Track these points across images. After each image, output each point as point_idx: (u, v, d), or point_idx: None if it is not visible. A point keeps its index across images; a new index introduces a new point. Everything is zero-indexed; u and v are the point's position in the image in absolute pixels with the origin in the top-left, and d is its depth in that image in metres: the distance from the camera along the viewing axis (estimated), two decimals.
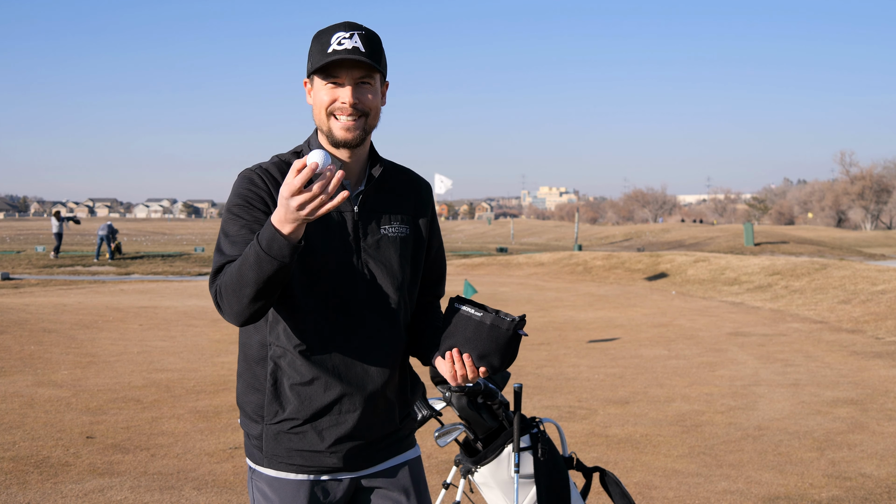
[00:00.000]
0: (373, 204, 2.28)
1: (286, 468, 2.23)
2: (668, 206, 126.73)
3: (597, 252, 30.76)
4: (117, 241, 31.77)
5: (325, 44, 2.17)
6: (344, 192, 1.89)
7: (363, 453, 2.27)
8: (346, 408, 2.21)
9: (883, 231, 76.81)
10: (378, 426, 2.27)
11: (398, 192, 2.35)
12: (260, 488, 2.27)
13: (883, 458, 5.84)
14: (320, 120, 2.23)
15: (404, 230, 2.32)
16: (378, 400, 2.25)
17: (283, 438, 2.21)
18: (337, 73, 2.17)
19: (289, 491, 2.23)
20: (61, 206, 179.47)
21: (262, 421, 2.23)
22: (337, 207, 2.15)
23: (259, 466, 2.26)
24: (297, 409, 2.19)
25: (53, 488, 5.02)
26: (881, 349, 10.78)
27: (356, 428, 2.22)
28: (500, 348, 2.17)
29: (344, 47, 2.14)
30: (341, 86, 2.18)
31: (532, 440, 3.24)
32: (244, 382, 2.29)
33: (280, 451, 2.22)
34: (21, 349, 10.15)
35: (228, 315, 2.10)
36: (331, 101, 2.19)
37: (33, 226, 77.01)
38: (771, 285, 18.71)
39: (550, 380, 8.83)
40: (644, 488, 5.22)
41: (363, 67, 2.18)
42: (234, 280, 2.03)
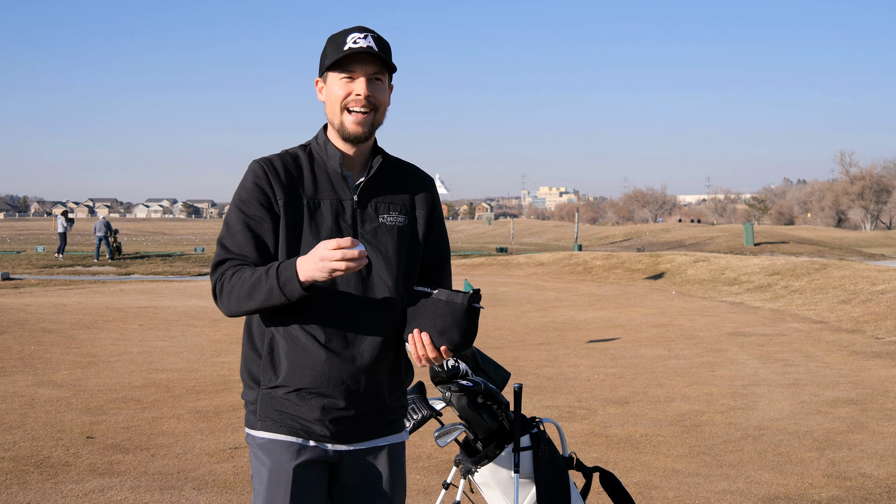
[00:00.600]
0: (372, 193, 2.43)
1: (277, 429, 2.36)
2: (668, 206, 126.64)
3: (597, 252, 30.76)
4: (117, 241, 31.76)
5: (341, 43, 2.33)
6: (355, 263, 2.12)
7: (350, 427, 2.38)
8: (336, 381, 2.32)
9: (883, 231, 76.79)
10: (365, 403, 2.38)
11: (398, 183, 2.48)
12: (255, 453, 2.41)
13: (883, 458, 5.84)
14: (333, 114, 2.38)
15: (402, 220, 2.44)
16: (368, 377, 2.36)
17: (276, 402, 2.35)
18: (352, 68, 2.33)
19: (279, 452, 2.36)
20: (61, 206, 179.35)
21: (259, 386, 2.38)
22: (338, 196, 2.38)
23: (254, 431, 2.40)
24: (289, 376, 2.32)
25: (53, 488, 5.02)
26: (881, 349, 10.79)
27: (343, 401, 2.34)
28: (458, 322, 2.27)
29: (359, 45, 2.31)
30: (355, 80, 2.34)
31: (532, 440, 3.24)
32: (245, 354, 2.44)
33: (272, 412, 2.36)
34: (21, 349, 10.15)
35: (223, 310, 2.34)
36: (346, 95, 2.34)
37: (33, 226, 77.01)
38: (771, 285, 18.71)
39: (550, 380, 8.83)
40: (644, 488, 5.22)
41: (377, 63, 2.34)
42: (241, 294, 2.26)
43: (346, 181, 2.41)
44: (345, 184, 2.41)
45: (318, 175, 2.40)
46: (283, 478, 2.35)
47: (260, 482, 2.39)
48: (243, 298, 2.26)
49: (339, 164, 2.39)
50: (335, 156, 2.40)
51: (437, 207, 2.57)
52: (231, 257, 2.34)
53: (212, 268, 2.37)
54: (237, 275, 2.29)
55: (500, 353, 10.60)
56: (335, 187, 2.40)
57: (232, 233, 2.35)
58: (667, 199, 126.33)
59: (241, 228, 2.35)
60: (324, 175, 2.41)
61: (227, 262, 2.35)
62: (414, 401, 2.98)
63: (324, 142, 2.44)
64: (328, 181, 2.40)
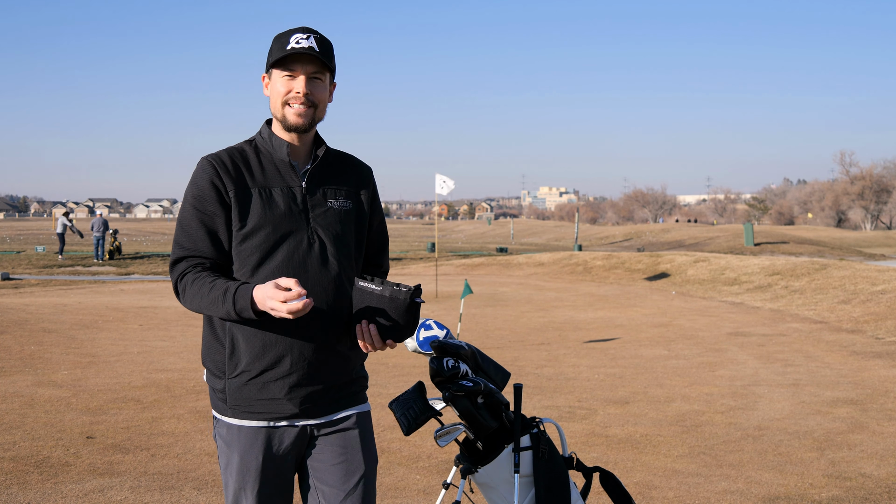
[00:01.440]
0: (319, 180, 2.59)
1: (246, 416, 2.49)
2: (668, 206, 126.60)
3: (597, 252, 30.75)
4: (117, 241, 31.74)
5: (285, 42, 2.49)
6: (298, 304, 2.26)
7: (317, 402, 2.52)
8: (297, 360, 2.47)
9: (883, 231, 76.78)
10: (328, 377, 2.53)
11: (341, 171, 2.67)
12: (222, 435, 2.54)
13: (883, 458, 5.84)
14: (276, 108, 2.54)
15: (348, 204, 2.62)
16: (328, 353, 2.51)
17: (244, 390, 2.48)
18: (293, 67, 2.49)
19: (247, 437, 2.49)
20: (61, 206, 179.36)
21: (224, 376, 2.51)
22: (287, 183, 2.54)
23: (222, 416, 2.54)
24: (252, 362, 2.46)
25: (53, 488, 5.02)
26: (881, 349, 10.78)
27: (308, 377, 2.48)
28: (400, 316, 2.42)
29: (301, 45, 2.47)
30: (296, 78, 2.50)
31: (532, 440, 3.24)
32: (207, 344, 2.57)
33: (241, 401, 2.49)
34: (21, 349, 10.15)
35: (184, 306, 2.51)
36: (286, 91, 2.51)
37: (33, 226, 77.00)
38: (771, 285, 18.71)
39: (550, 380, 8.82)
40: (644, 488, 5.22)
41: (316, 63, 2.50)
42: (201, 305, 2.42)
43: (293, 169, 2.56)
44: (293, 171, 2.56)
45: (265, 165, 2.55)
46: (252, 466, 2.47)
47: (230, 470, 2.51)
48: (202, 308, 2.43)
49: (286, 154, 2.55)
50: (282, 146, 2.55)
51: (377, 195, 2.76)
52: (187, 255, 2.48)
53: (170, 265, 2.52)
54: (197, 283, 2.43)
55: (500, 353, 10.60)
56: (283, 175, 2.55)
57: (186, 230, 2.48)
58: (667, 199, 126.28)
59: (195, 225, 2.47)
60: (271, 165, 2.56)
61: (185, 261, 2.48)
62: (413, 400, 2.98)
63: (268, 134, 2.59)
64: (276, 170, 2.55)
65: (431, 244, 41.48)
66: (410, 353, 8.11)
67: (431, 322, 3.24)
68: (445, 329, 3.25)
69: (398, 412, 2.96)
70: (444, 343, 3.14)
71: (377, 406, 7.19)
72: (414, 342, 3.19)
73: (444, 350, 3.13)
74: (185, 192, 2.53)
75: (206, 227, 2.47)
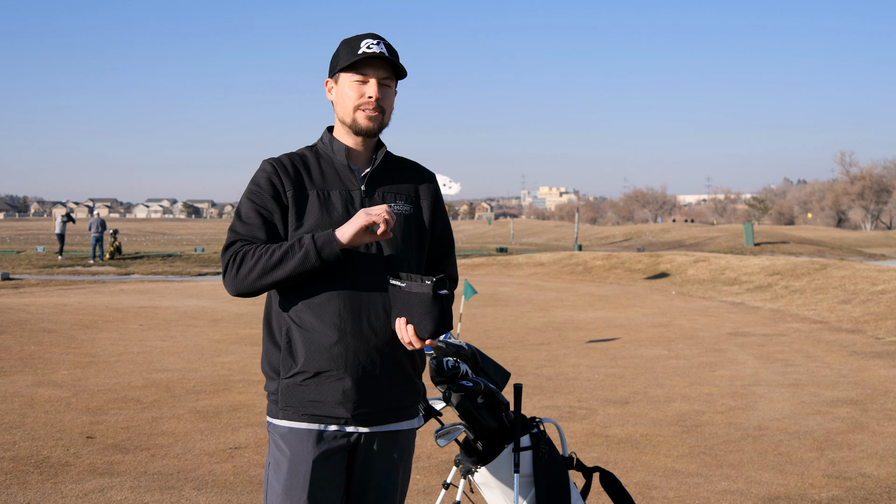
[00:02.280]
0: (378, 184, 2.57)
1: (298, 418, 2.46)
2: (668, 206, 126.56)
3: (597, 252, 30.76)
4: (117, 241, 31.73)
5: (356, 48, 2.49)
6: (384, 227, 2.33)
7: (368, 410, 2.48)
8: (353, 362, 2.44)
9: (883, 231, 76.77)
10: (384, 384, 2.49)
11: (402, 176, 2.64)
12: (275, 441, 2.51)
13: (883, 458, 5.84)
14: (345, 112, 2.53)
15: (408, 209, 2.58)
16: (383, 358, 2.47)
17: (297, 390, 2.45)
18: (365, 71, 2.49)
19: (299, 440, 2.46)
20: (61, 206, 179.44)
21: (279, 377, 2.48)
22: (346, 186, 2.52)
23: (275, 419, 2.51)
24: (307, 362, 2.43)
25: (53, 488, 5.02)
26: (881, 349, 10.78)
27: (361, 381, 2.45)
28: (429, 311, 2.37)
29: (373, 50, 2.47)
30: (366, 83, 2.50)
31: (532, 440, 3.24)
32: (265, 349, 2.55)
33: (293, 402, 2.46)
34: (21, 349, 10.15)
35: (236, 287, 2.42)
36: (358, 96, 2.50)
37: (33, 226, 77.01)
38: (771, 285, 18.71)
39: (550, 380, 8.83)
40: (644, 488, 5.22)
41: (388, 68, 2.51)
42: (268, 264, 2.36)
43: (353, 173, 2.55)
44: (352, 175, 2.55)
45: (325, 169, 2.55)
46: (301, 469, 2.44)
47: (279, 472, 2.47)
48: (269, 269, 2.35)
49: (345, 157, 2.54)
50: (341, 150, 2.56)
51: (440, 199, 2.72)
52: (242, 238, 2.45)
53: (224, 248, 2.46)
54: (261, 248, 2.39)
55: (500, 353, 10.60)
56: (343, 179, 2.54)
57: (244, 219, 2.48)
58: (667, 199, 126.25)
59: (253, 216, 2.47)
60: (331, 168, 2.55)
61: (240, 243, 2.44)
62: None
63: (329, 140, 2.59)
64: (335, 174, 2.55)
65: None
66: None
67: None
68: None
69: None
70: (444, 343, 3.14)
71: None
72: None
73: (444, 350, 3.13)
74: (245, 190, 2.54)
75: (263, 218, 2.47)
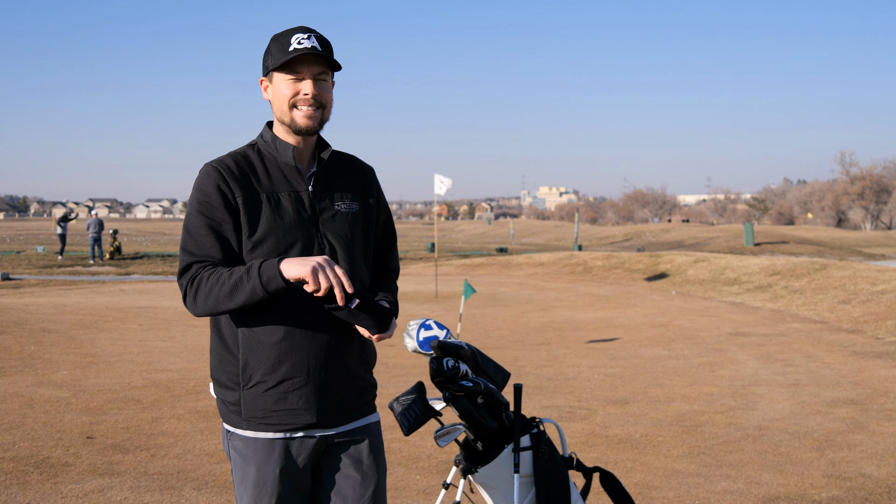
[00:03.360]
0: (325, 183, 2.56)
1: (263, 428, 2.44)
2: (668, 206, 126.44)
3: (597, 252, 30.75)
4: (117, 241, 31.72)
5: (286, 44, 2.42)
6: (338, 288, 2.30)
7: (334, 411, 2.49)
8: (314, 369, 2.43)
9: (883, 231, 76.75)
10: (344, 385, 2.51)
11: (345, 173, 2.63)
12: (237, 447, 2.48)
13: (883, 458, 5.84)
14: (281, 112, 2.48)
15: (354, 206, 2.59)
16: (343, 361, 2.49)
17: (261, 400, 2.43)
18: (298, 69, 2.43)
19: (263, 449, 2.44)
20: (61, 206, 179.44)
21: (239, 388, 2.45)
22: (294, 188, 2.49)
23: (236, 429, 2.48)
24: (267, 373, 2.41)
25: (53, 488, 5.02)
26: (881, 349, 10.78)
27: (324, 387, 2.46)
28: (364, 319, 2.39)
29: (304, 46, 2.40)
30: (301, 80, 2.44)
31: (532, 440, 3.24)
32: (217, 356, 2.51)
33: (258, 412, 2.43)
34: (21, 349, 10.15)
35: (196, 312, 2.41)
36: (293, 94, 2.45)
37: (33, 226, 76.99)
38: (771, 285, 18.71)
39: (550, 380, 8.83)
40: (644, 488, 5.22)
41: (321, 63, 2.45)
42: (221, 294, 2.33)
43: (299, 173, 2.52)
44: (299, 175, 2.52)
45: (270, 170, 2.51)
46: (269, 479, 2.43)
47: (245, 482, 2.45)
48: (223, 299, 2.33)
49: (292, 157, 2.50)
50: (287, 149, 2.50)
51: (381, 193, 2.74)
52: (197, 260, 2.41)
53: (179, 273, 2.43)
54: (214, 276, 2.36)
55: (500, 353, 10.60)
56: (289, 180, 2.51)
57: (195, 237, 2.42)
58: (667, 199, 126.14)
59: (204, 232, 2.40)
60: (276, 169, 2.51)
61: (195, 266, 2.40)
62: (413, 400, 2.98)
63: (271, 138, 2.53)
64: (282, 174, 2.51)
65: (431, 244, 41.49)
66: (410, 353, 8.11)
67: (431, 322, 3.24)
68: (445, 329, 3.25)
69: (398, 412, 2.96)
70: (444, 343, 3.14)
71: (378, 406, 7.19)
72: (414, 342, 3.19)
73: (444, 350, 3.13)
74: (189, 199, 2.47)
75: (214, 232, 2.40)
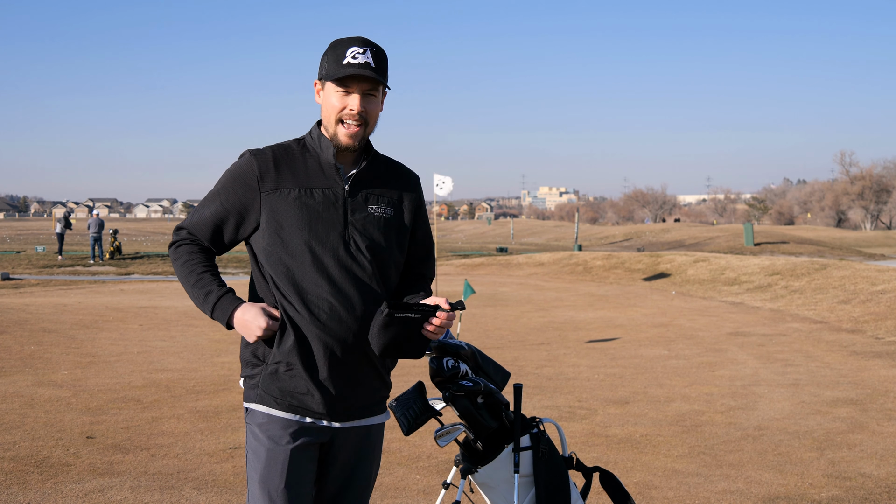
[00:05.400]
0: (362, 186, 2.59)
1: (276, 406, 2.51)
2: (669, 206, 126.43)
3: (597, 252, 30.76)
4: (117, 241, 31.72)
5: (341, 55, 2.50)
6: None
7: (344, 405, 2.54)
8: (332, 361, 2.49)
9: (883, 231, 76.76)
10: (357, 381, 2.55)
11: (386, 178, 2.66)
12: (252, 429, 2.56)
13: (883, 458, 5.84)
14: (329, 122, 2.55)
15: (389, 212, 2.62)
16: (359, 358, 2.53)
17: (278, 378, 2.51)
18: (349, 84, 2.51)
19: (277, 428, 2.51)
20: (61, 206, 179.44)
21: (263, 363, 2.54)
22: (329, 185, 2.55)
23: (253, 404, 2.56)
24: (289, 354, 2.49)
25: (53, 488, 5.02)
26: (881, 349, 10.79)
27: (337, 378, 2.51)
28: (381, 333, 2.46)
29: (358, 62, 2.48)
30: (351, 94, 2.51)
31: (532, 440, 3.24)
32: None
33: (274, 389, 2.51)
34: (21, 349, 10.15)
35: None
36: (341, 108, 2.52)
37: (33, 226, 77.00)
38: (771, 285, 18.71)
39: (550, 380, 8.83)
40: (644, 488, 5.22)
41: (371, 81, 2.51)
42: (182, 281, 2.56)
43: (338, 172, 2.56)
44: (337, 174, 2.56)
45: (310, 165, 2.56)
46: (280, 457, 2.49)
47: (257, 459, 2.52)
48: (183, 286, 2.57)
49: (332, 156, 2.55)
50: (329, 148, 2.56)
51: (423, 204, 2.76)
52: (188, 232, 2.60)
53: (174, 231, 2.64)
54: (189, 262, 2.55)
55: (500, 353, 10.60)
56: (327, 176, 2.56)
57: (201, 212, 2.59)
58: (667, 199, 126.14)
59: (209, 214, 2.57)
60: (316, 165, 2.57)
61: (185, 232, 2.60)
62: (413, 400, 2.98)
63: (318, 135, 2.60)
64: (320, 170, 2.56)
65: None
66: None
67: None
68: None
69: (398, 412, 2.96)
70: (444, 343, 3.14)
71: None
72: None
73: (444, 350, 3.13)
74: (222, 174, 2.59)
75: (216, 219, 2.55)
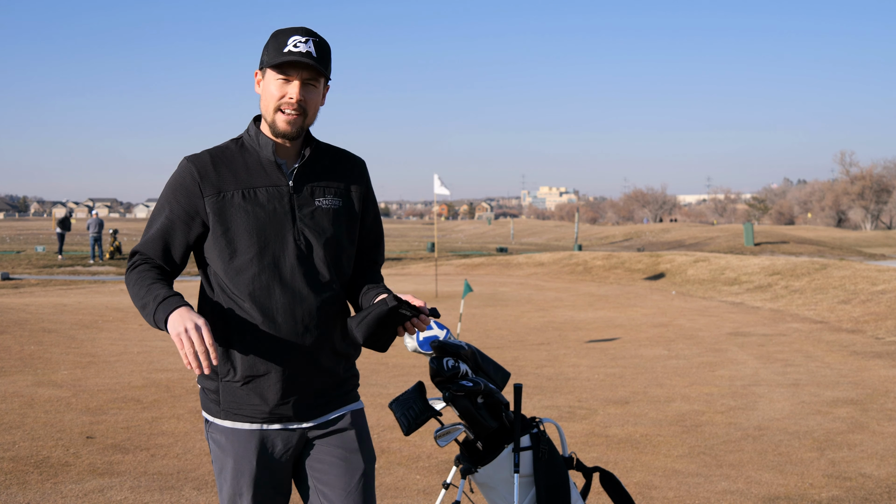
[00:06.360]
0: (306, 180, 2.54)
1: (240, 419, 2.48)
2: (669, 206, 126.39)
3: (597, 252, 30.76)
4: (117, 241, 31.72)
5: (283, 44, 2.44)
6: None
7: (311, 404, 2.51)
8: (290, 364, 2.45)
9: (883, 231, 76.74)
10: (322, 379, 2.52)
11: (331, 168, 2.61)
12: (215, 439, 2.53)
13: (883, 458, 5.84)
14: (267, 110, 2.50)
15: (337, 203, 2.57)
16: (319, 356, 2.49)
17: (238, 393, 2.47)
18: (289, 71, 2.45)
19: (241, 440, 2.48)
20: (61, 206, 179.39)
21: (218, 378, 2.49)
22: (273, 182, 2.50)
23: (215, 419, 2.52)
24: (246, 367, 2.45)
25: (53, 488, 5.02)
26: (881, 349, 10.78)
27: (299, 383, 2.47)
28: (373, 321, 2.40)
29: (299, 50, 2.43)
30: (290, 82, 2.46)
31: (532, 440, 3.24)
32: None
33: (234, 404, 2.48)
34: (21, 349, 10.14)
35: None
36: (280, 96, 2.46)
37: (33, 226, 77.00)
38: (771, 285, 18.71)
39: (550, 380, 8.83)
40: (644, 488, 5.22)
41: (312, 70, 2.46)
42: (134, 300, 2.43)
43: (279, 168, 2.53)
44: (279, 171, 2.52)
45: (250, 164, 2.52)
46: (246, 470, 2.46)
47: (224, 471, 2.49)
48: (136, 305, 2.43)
49: (272, 153, 2.51)
50: (268, 145, 2.52)
51: (370, 189, 2.70)
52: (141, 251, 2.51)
53: (129, 254, 2.54)
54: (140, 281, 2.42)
55: (500, 353, 10.60)
56: (269, 174, 2.52)
57: (149, 231, 2.52)
58: (667, 199, 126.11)
59: (156, 232, 2.49)
60: (257, 163, 2.52)
61: (137, 255, 2.51)
62: (413, 400, 2.98)
63: (255, 133, 2.55)
64: (261, 169, 2.52)
65: (431, 244, 41.49)
66: (410, 353, 8.11)
67: (431, 322, 3.24)
68: (445, 329, 3.25)
69: (398, 412, 2.96)
70: (444, 343, 3.14)
71: (377, 406, 7.19)
72: (414, 342, 3.19)
73: (444, 350, 3.13)
74: (163, 188, 2.52)
75: (165, 235, 2.48)
